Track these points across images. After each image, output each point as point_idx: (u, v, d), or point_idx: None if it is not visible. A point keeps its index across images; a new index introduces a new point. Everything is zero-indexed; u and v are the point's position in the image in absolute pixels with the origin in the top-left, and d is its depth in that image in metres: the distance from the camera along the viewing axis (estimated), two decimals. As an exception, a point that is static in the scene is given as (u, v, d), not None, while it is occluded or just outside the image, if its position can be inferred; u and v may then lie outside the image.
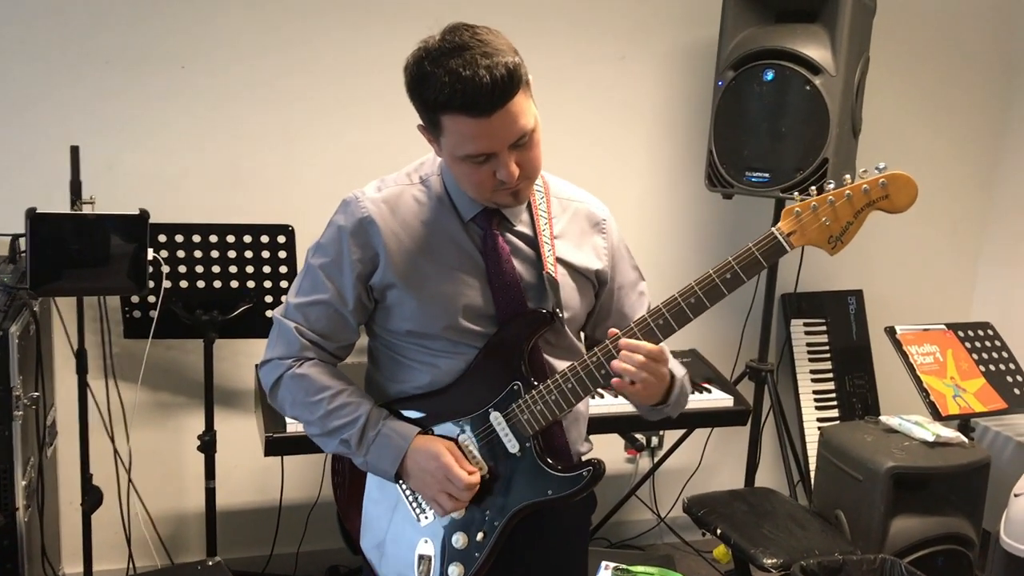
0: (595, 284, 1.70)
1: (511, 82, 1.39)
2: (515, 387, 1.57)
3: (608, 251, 1.70)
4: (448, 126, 1.43)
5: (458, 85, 1.37)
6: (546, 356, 1.63)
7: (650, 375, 1.49)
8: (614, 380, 1.51)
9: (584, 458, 1.67)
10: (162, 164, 2.88)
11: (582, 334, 1.77)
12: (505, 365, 1.57)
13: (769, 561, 2.47)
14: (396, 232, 1.57)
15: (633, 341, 1.49)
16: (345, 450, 1.59)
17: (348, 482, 1.70)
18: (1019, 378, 3.21)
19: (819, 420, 3.55)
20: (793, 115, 2.88)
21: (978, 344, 3.23)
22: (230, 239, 2.65)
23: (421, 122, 1.50)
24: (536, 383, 1.56)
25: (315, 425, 1.60)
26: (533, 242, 1.62)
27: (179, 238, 2.62)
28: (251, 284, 2.69)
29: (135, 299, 2.61)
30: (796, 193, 1.52)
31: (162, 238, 2.59)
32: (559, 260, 1.63)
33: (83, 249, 2.28)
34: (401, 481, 1.60)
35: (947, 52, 3.66)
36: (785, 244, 1.48)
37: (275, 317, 1.64)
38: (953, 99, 3.70)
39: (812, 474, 3.43)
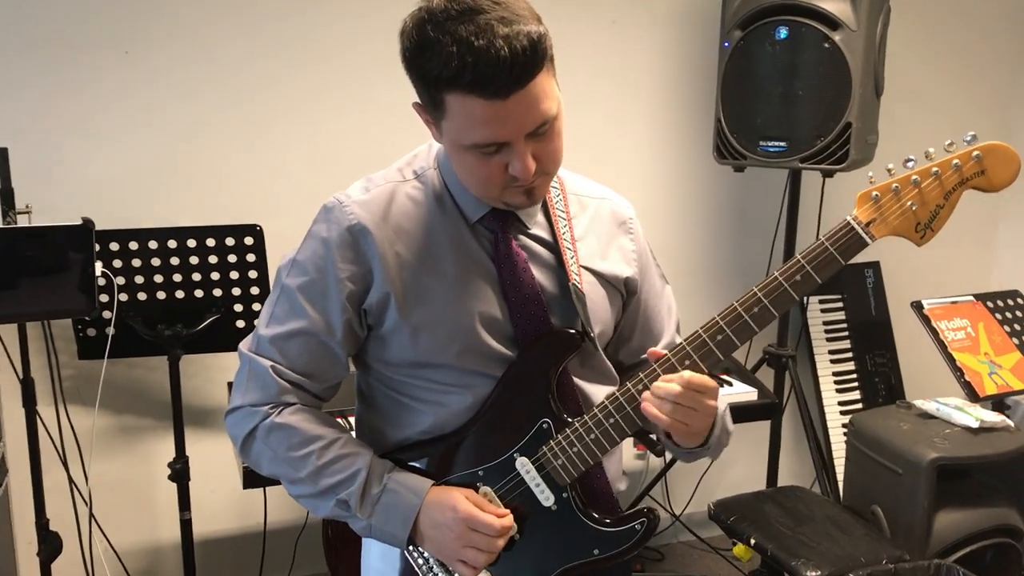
0: (623, 294, 1.43)
1: (534, 57, 1.11)
2: (544, 425, 1.29)
3: (637, 255, 1.44)
4: (453, 107, 1.15)
5: (469, 58, 1.09)
6: (576, 381, 1.36)
7: (694, 407, 1.22)
8: (644, 407, 1.24)
9: (621, 495, 1.41)
10: (109, 164, 2.56)
11: None
12: (529, 399, 1.30)
13: (813, 574, 2.23)
14: (391, 240, 1.28)
15: (695, 375, 1.22)
16: (343, 512, 1.30)
17: (343, 546, 1.41)
18: (1057, 349, 2.97)
19: (840, 404, 3.32)
20: (810, 76, 2.63)
21: (1009, 315, 2.99)
22: (191, 243, 2.37)
23: (418, 100, 1.22)
24: (570, 419, 1.29)
25: (303, 484, 1.31)
26: (553, 247, 1.35)
27: (133, 245, 2.33)
28: (217, 292, 2.41)
29: (87, 317, 2.31)
30: (891, 167, 1.24)
31: (114, 246, 2.31)
32: (583, 267, 1.36)
33: (19, 268, 1.98)
34: (411, 547, 1.32)
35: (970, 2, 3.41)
36: (865, 236, 1.22)
37: (243, 353, 1.34)
38: (975, 53, 3.46)
39: (837, 463, 3.22)
